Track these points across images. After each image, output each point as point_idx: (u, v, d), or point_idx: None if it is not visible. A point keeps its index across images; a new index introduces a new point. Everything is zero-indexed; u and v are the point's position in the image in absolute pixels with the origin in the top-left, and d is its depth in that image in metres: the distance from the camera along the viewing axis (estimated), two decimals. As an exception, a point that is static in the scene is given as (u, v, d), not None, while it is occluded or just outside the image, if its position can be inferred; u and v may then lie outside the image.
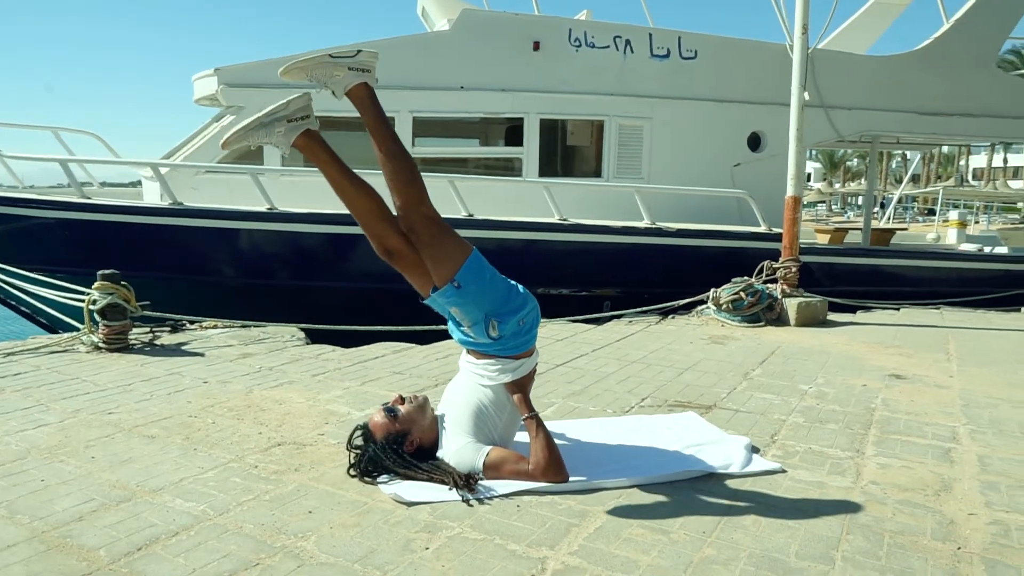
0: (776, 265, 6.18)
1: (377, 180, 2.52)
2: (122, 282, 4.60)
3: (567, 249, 6.65)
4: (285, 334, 5.21)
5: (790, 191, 6.06)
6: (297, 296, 6.45)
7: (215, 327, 5.42)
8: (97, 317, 4.53)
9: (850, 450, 2.94)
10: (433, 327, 5.59)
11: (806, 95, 5.94)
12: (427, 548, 2.06)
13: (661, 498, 2.43)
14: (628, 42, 7.53)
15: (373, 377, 4.02)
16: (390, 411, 2.59)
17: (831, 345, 5.16)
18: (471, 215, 6.50)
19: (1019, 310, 7.33)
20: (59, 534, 2.12)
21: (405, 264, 2.53)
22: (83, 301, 4.68)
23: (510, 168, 8.05)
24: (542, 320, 5.54)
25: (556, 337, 5.27)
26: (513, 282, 2.62)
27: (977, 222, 23.32)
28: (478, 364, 2.59)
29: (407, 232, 2.50)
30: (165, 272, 6.11)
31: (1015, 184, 50.10)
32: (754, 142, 8.04)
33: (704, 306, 6.24)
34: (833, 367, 4.46)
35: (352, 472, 2.56)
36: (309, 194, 6.80)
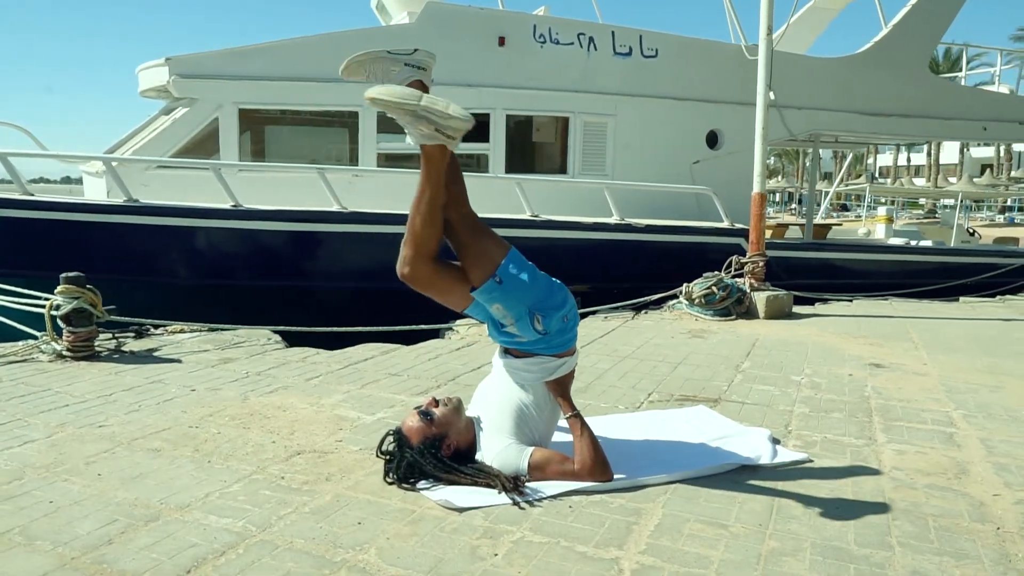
0: (744, 260, 6.35)
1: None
2: (88, 285, 4.31)
3: (539, 245, 6.62)
4: (260, 337, 5.00)
5: (756, 188, 6.24)
6: (263, 297, 6.20)
7: (182, 331, 5.15)
8: (60, 323, 4.22)
9: (863, 438, 3.05)
10: (409, 328, 5.51)
11: (772, 95, 6.13)
12: (496, 554, 2.01)
13: (705, 492, 2.45)
14: (592, 39, 7.58)
15: (370, 380, 3.90)
16: (425, 414, 2.51)
17: (804, 336, 5.35)
18: (443, 212, 6.41)
19: (957, 300, 7.80)
20: (91, 559, 1.95)
21: (428, 287, 2.47)
22: (41, 307, 4.36)
23: (468, 165, 7.98)
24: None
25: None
26: (553, 278, 2.59)
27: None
28: (518, 363, 2.54)
29: (446, 235, 2.45)
30: (119, 274, 5.75)
31: (918, 181, 53.56)
32: (712, 140, 8.25)
33: (676, 301, 6.35)
34: (815, 358, 4.61)
35: (389, 479, 2.47)
36: (267, 190, 6.55)
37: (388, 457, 2.54)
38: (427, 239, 2.36)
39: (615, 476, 2.50)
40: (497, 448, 2.48)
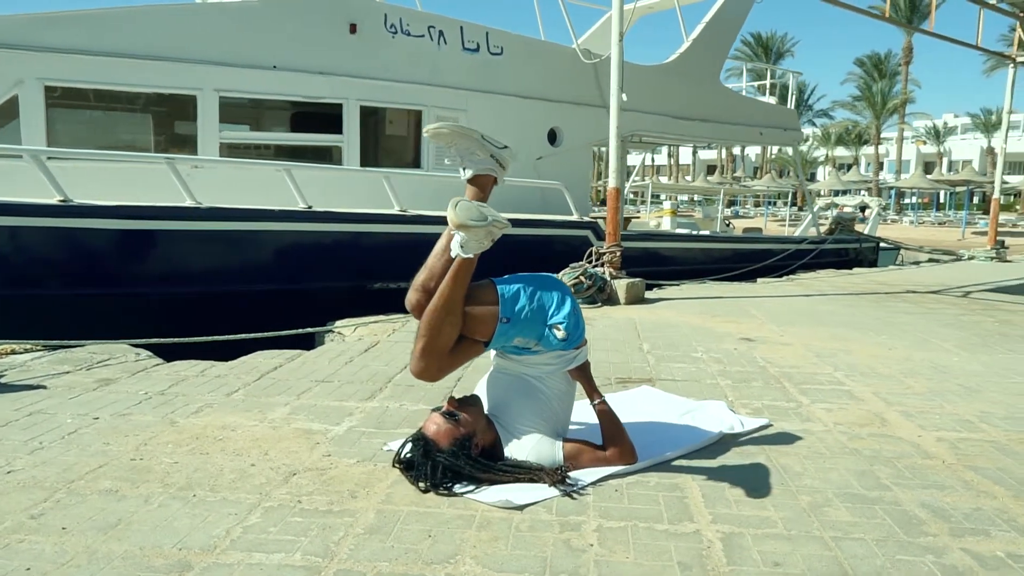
0: (603, 250, 6.79)
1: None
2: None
3: (409, 241, 6.48)
4: (126, 353, 4.32)
5: (612, 183, 6.71)
6: (88, 307, 5.30)
7: (13, 352, 4.28)
8: None
9: (792, 401, 3.49)
10: (290, 332, 5.10)
11: (624, 96, 6.61)
12: (591, 544, 2.02)
13: (715, 463, 2.65)
14: (441, 33, 7.53)
15: (301, 389, 3.58)
16: (451, 415, 2.42)
17: (670, 318, 5.88)
18: (310, 207, 5.98)
19: (755, 281, 9.05)
20: (148, 626, 1.62)
21: (446, 372, 2.46)
22: None
23: (304, 156, 7.53)
24: (401, 320, 5.44)
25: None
26: (531, 275, 2.62)
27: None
28: (536, 358, 2.53)
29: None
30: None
31: (662, 179, 60.88)
32: (552, 137, 8.64)
33: (546, 291, 6.59)
34: (695, 336, 5.11)
35: (423, 485, 2.34)
36: (77, 181, 5.57)
37: (406, 464, 2.42)
38: (451, 337, 2.34)
39: (633, 458, 2.61)
40: (529, 443, 2.46)
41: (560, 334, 2.46)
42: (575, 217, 7.74)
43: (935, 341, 5.08)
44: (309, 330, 5.17)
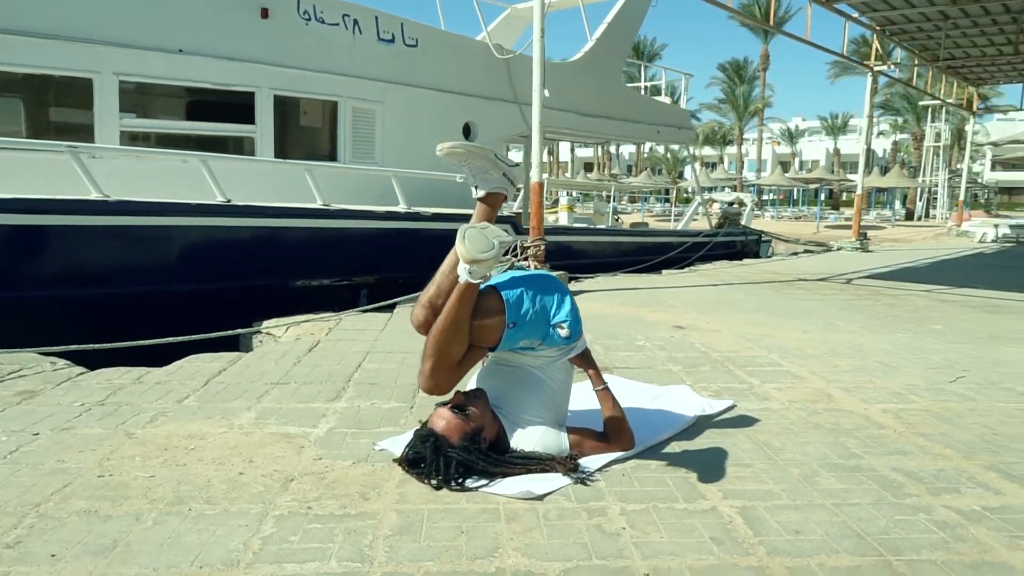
0: (528, 244, 6.86)
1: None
2: None
3: (332, 236, 6.24)
4: (39, 362, 3.90)
5: (534, 177, 6.79)
6: None
7: (-102, 366, 3.74)
8: None
9: (744, 383, 3.70)
10: (209, 335, 4.77)
11: (546, 92, 6.70)
12: (624, 528, 2.06)
13: (696, 446, 2.78)
14: (356, 22, 7.29)
15: (258, 392, 3.38)
16: (460, 409, 2.39)
17: (600, 309, 6.05)
18: (229, 200, 5.61)
19: (660, 273, 9.47)
20: (200, 651, 1.50)
21: (455, 383, 2.45)
22: None
23: (192, 147, 7.08)
24: (337, 319, 5.27)
25: (374, 329, 5.03)
26: (529, 274, 2.65)
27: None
28: (539, 351, 2.54)
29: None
30: None
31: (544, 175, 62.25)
32: (467, 131, 8.60)
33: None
34: (631, 325, 5.29)
35: (434, 482, 2.30)
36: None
37: (411, 462, 2.37)
38: (459, 353, 2.36)
39: (629, 443, 2.68)
40: (535, 434, 2.47)
41: (564, 332, 2.49)
42: (495, 211, 7.76)
43: (841, 324, 5.55)
44: (237, 331, 4.87)
